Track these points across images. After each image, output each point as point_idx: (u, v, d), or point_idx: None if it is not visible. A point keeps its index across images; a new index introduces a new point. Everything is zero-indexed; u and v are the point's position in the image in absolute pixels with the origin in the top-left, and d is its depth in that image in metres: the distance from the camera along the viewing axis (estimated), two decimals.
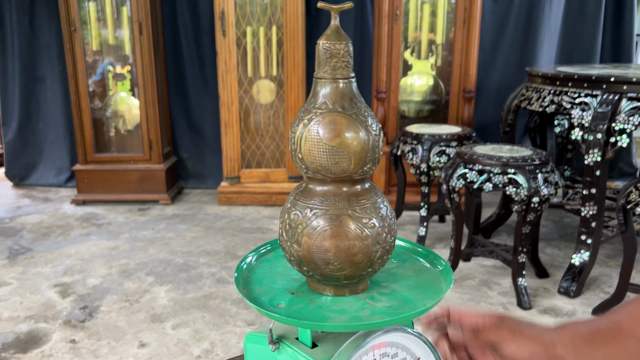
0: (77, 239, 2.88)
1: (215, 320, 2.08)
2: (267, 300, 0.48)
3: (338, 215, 0.43)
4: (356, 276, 0.44)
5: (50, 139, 3.74)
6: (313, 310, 0.46)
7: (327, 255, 0.43)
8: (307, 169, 0.44)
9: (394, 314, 0.45)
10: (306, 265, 0.44)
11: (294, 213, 0.45)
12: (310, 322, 0.43)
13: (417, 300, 0.48)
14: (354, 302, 0.47)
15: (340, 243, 0.43)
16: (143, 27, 3.19)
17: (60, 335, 1.99)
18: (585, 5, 3.45)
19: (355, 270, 0.44)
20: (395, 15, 3.07)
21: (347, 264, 0.44)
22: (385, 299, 0.48)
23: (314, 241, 0.43)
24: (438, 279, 0.53)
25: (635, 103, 2.08)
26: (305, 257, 0.44)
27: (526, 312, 2.12)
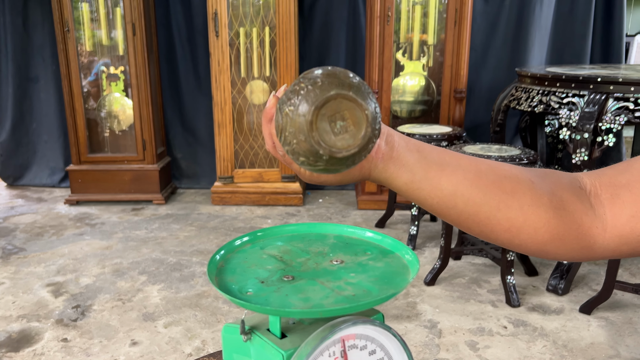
0: (71, 238, 2.89)
1: (207, 318, 2.09)
2: (237, 288, 0.50)
3: None
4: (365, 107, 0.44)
5: (44, 139, 3.75)
6: (279, 297, 0.48)
7: (342, 71, 0.44)
8: None
9: (354, 302, 0.47)
10: (324, 79, 0.43)
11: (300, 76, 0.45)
12: (273, 308, 0.45)
13: (381, 290, 0.50)
14: (320, 290, 0.49)
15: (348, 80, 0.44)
16: (136, 27, 3.20)
17: (52, 334, 2.00)
18: (576, 7, 3.48)
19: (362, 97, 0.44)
20: (387, 16, 3.10)
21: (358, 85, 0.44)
22: (350, 289, 0.50)
23: (325, 73, 0.44)
24: (405, 269, 0.55)
25: (622, 103, 2.11)
26: (323, 75, 0.43)
27: (515, 310, 2.14)
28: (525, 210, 0.53)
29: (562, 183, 0.56)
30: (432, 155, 0.53)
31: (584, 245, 0.55)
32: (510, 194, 0.53)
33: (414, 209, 2.70)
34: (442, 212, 0.54)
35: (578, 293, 2.28)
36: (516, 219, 0.54)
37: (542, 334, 1.98)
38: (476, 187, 0.53)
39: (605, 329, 2.02)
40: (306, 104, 0.43)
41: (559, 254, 0.56)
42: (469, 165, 0.54)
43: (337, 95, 0.43)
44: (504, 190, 0.53)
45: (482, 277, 2.42)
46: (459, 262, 2.56)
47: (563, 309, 2.16)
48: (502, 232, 0.55)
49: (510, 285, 2.19)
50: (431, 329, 2.01)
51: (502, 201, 0.53)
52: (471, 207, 0.53)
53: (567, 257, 0.57)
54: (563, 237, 0.55)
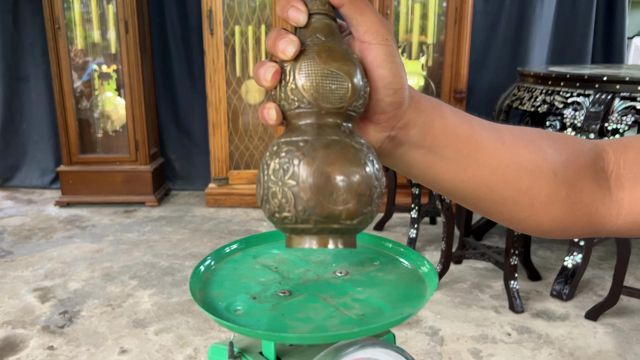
0: (60, 241, 2.80)
1: (199, 325, 2.01)
2: (224, 305, 0.42)
3: (339, 142, 0.38)
4: (357, 214, 0.38)
5: (34, 140, 3.67)
6: (274, 317, 0.40)
7: (331, 183, 0.37)
8: (301, 101, 0.39)
9: (364, 324, 0.39)
10: (304, 202, 0.37)
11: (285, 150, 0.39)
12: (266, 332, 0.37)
13: (394, 309, 0.42)
14: (322, 309, 0.42)
15: (345, 169, 0.37)
16: (129, 25, 3.12)
17: (38, 341, 1.92)
18: (577, 6, 3.43)
19: (358, 205, 0.38)
20: (385, 15, 3.03)
21: (351, 195, 0.37)
22: (358, 306, 0.42)
23: (315, 169, 0.37)
24: (421, 284, 0.47)
25: (628, 102, 2.05)
26: (303, 190, 0.37)
27: (519, 316, 2.07)
28: (536, 207, 0.47)
29: (586, 167, 0.49)
30: (446, 150, 0.44)
31: (590, 231, 0.51)
32: (524, 191, 0.46)
33: (414, 212, 2.62)
34: (434, 190, 0.48)
35: (583, 298, 2.21)
36: (521, 213, 0.48)
37: (548, 342, 1.91)
38: (485, 184, 0.46)
39: (613, 336, 1.95)
40: (284, 227, 0.39)
41: (558, 238, 0.52)
42: (489, 158, 0.46)
43: (325, 246, 0.38)
44: (518, 187, 0.46)
45: (484, 281, 2.35)
46: (460, 267, 2.49)
47: (568, 315, 2.09)
48: (500, 220, 0.49)
49: (513, 290, 2.12)
50: (432, 336, 1.94)
51: (511, 197, 0.47)
52: (472, 199, 0.47)
53: (566, 237, 0.52)
54: (569, 228, 0.50)
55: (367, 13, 0.40)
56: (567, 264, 2.22)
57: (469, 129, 0.45)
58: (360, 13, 0.40)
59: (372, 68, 0.40)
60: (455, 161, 0.45)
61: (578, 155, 0.49)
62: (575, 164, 0.49)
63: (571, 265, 2.21)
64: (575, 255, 2.21)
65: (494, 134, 0.46)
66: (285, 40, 0.38)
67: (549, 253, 2.66)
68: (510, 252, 2.10)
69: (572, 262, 2.21)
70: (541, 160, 0.47)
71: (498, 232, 2.89)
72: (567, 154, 0.49)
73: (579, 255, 2.20)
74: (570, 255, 2.22)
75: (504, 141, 0.46)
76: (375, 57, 0.40)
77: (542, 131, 0.50)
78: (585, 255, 2.20)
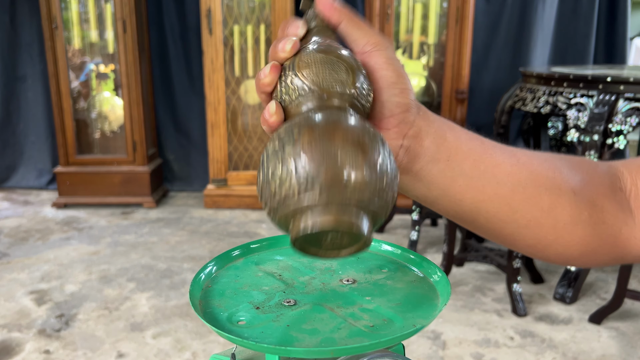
0: (57, 243, 2.77)
1: (197, 329, 1.98)
2: (225, 316, 0.40)
3: (343, 114, 0.36)
4: (366, 197, 0.33)
5: (31, 140, 3.63)
6: (279, 329, 0.37)
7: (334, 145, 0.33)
8: (302, 88, 0.37)
9: (374, 337, 0.36)
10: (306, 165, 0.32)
11: (285, 128, 0.35)
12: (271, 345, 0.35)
13: (406, 319, 0.39)
14: (329, 319, 0.39)
15: (350, 135, 0.33)
16: (127, 25, 3.10)
17: (33, 345, 1.89)
18: (579, 6, 3.41)
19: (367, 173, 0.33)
20: (386, 15, 3.01)
21: (359, 158, 0.33)
22: (367, 317, 0.40)
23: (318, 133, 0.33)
24: (433, 293, 0.44)
25: (633, 104, 2.02)
26: (305, 154, 0.33)
27: (522, 319, 2.05)
28: (559, 228, 0.45)
29: (604, 186, 0.48)
30: (463, 165, 0.43)
31: (616, 257, 0.49)
32: (546, 211, 0.45)
33: (415, 214, 2.60)
34: (456, 220, 0.47)
35: (586, 302, 2.19)
36: (545, 238, 0.46)
37: (551, 346, 1.89)
38: (506, 204, 0.44)
39: (617, 339, 1.92)
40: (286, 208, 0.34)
41: (585, 265, 0.50)
42: (507, 176, 0.44)
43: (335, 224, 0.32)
44: (540, 207, 0.45)
45: (486, 284, 2.33)
46: (462, 269, 2.47)
47: (572, 318, 2.06)
48: (525, 247, 0.48)
49: (516, 293, 2.09)
50: (435, 340, 1.91)
51: (535, 219, 0.45)
52: (494, 224, 0.45)
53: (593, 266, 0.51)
54: (595, 252, 0.48)
55: (364, 28, 0.42)
56: (570, 267, 2.20)
57: (481, 144, 0.45)
58: (359, 28, 0.42)
59: (375, 71, 0.41)
60: (474, 178, 0.43)
61: (593, 175, 0.48)
62: (592, 183, 0.47)
63: (574, 268, 2.19)
64: None
65: (506, 151, 0.46)
66: (283, 40, 0.40)
67: None
68: (513, 255, 2.08)
69: None
70: (559, 179, 0.46)
71: None
72: (582, 174, 0.47)
73: None
74: None
75: (518, 158, 0.45)
76: (376, 61, 0.41)
77: (552, 153, 0.49)
78: None
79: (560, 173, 0.46)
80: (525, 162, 0.45)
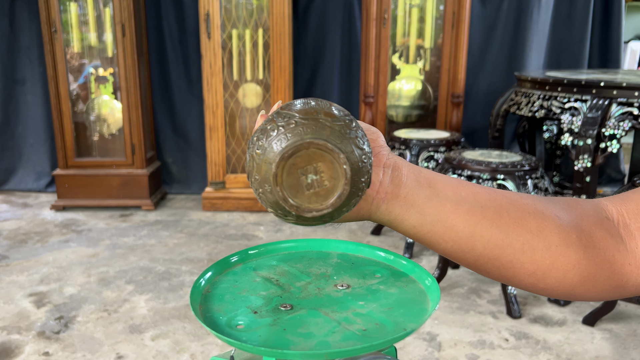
0: (56, 246, 2.79)
1: (196, 331, 2.00)
2: (225, 320, 0.42)
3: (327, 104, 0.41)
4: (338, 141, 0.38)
5: (29, 143, 3.65)
6: (275, 333, 0.40)
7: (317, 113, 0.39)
8: None
9: (367, 340, 0.39)
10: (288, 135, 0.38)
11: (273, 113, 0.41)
12: (268, 348, 0.37)
13: (397, 323, 0.42)
14: (324, 323, 0.41)
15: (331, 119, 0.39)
16: (126, 28, 3.12)
17: (33, 347, 1.90)
18: (574, 11, 3.44)
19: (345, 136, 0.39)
20: (383, 19, 3.03)
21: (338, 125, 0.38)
22: (360, 321, 0.42)
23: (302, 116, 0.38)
24: (423, 298, 0.47)
25: (625, 108, 2.05)
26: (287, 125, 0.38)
27: (516, 321, 2.07)
28: (553, 251, 0.47)
29: (588, 215, 0.50)
30: (446, 190, 0.47)
31: (616, 285, 0.50)
32: (535, 233, 0.47)
33: None
34: (457, 256, 0.48)
35: (580, 304, 2.21)
36: (542, 262, 0.48)
37: (545, 347, 1.91)
38: (497, 227, 0.46)
39: (610, 341, 1.95)
40: (272, 151, 0.37)
41: (588, 296, 0.50)
42: (488, 200, 0.47)
43: (310, 144, 0.36)
44: (529, 229, 0.47)
45: (481, 286, 2.35)
46: (458, 272, 2.49)
47: (566, 320, 2.09)
48: (525, 277, 0.49)
49: (511, 295, 2.12)
50: (430, 342, 1.93)
51: (527, 242, 0.47)
52: (491, 251, 0.47)
53: (598, 298, 0.51)
54: (594, 279, 0.49)
55: None
56: None
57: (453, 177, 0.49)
58: None
59: None
60: (459, 202, 0.47)
61: (575, 206, 0.50)
62: (575, 211, 0.49)
63: None
64: None
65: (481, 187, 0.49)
66: None
67: None
68: None
69: None
70: (539, 205, 0.48)
71: None
72: (562, 204, 0.50)
73: None
74: None
75: (493, 190, 0.49)
76: None
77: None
78: None
79: (540, 202, 0.49)
80: (501, 193, 0.49)
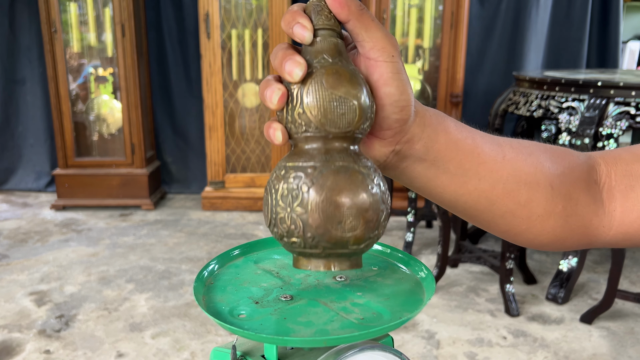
0: (56, 245, 2.80)
1: (196, 329, 2.01)
2: (227, 310, 0.43)
3: (347, 169, 0.39)
4: (364, 239, 0.39)
5: (29, 143, 3.66)
6: (276, 322, 0.41)
7: (339, 212, 0.38)
8: (308, 125, 0.39)
9: (364, 328, 0.40)
10: (312, 229, 0.38)
11: (293, 175, 0.39)
12: (270, 335, 0.38)
13: (393, 313, 0.43)
14: (323, 313, 0.42)
15: (353, 197, 0.38)
16: (126, 29, 3.13)
17: (34, 345, 1.91)
18: (572, 11, 3.46)
19: (365, 230, 0.39)
20: (382, 19, 3.04)
21: (359, 222, 0.38)
22: (358, 311, 0.43)
23: (324, 197, 0.38)
24: (419, 289, 0.48)
25: (623, 108, 2.07)
26: (312, 218, 0.38)
27: (514, 319, 2.08)
28: (533, 220, 0.48)
29: (581, 179, 0.50)
30: (449, 164, 0.45)
31: (584, 243, 0.52)
32: (522, 204, 0.48)
33: (410, 215, 2.63)
34: (434, 202, 0.49)
35: (578, 302, 2.22)
36: (519, 226, 0.49)
37: (543, 345, 1.92)
38: (485, 197, 0.47)
39: (607, 339, 1.96)
40: (291, 249, 0.40)
41: (554, 250, 0.53)
42: (490, 172, 0.47)
43: (332, 268, 0.40)
44: (517, 201, 0.47)
45: (480, 285, 2.36)
46: (456, 270, 2.51)
47: (563, 318, 2.10)
48: (498, 232, 0.51)
49: (509, 294, 2.13)
50: (429, 340, 1.95)
51: (510, 211, 0.48)
52: (472, 212, 0.48)
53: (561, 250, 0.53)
54: (564, 240, 0.51)
55: (373, 29, 0.40)
56: (563, 267, 2.24)
57: (472, 143, 0.46)
58: (367, 29, 0.40)
59: (378, 86, 0.40)
60: (457, 175, 0.46)
61: (573, 167, 0.51)
62: (571, 176, 0.50)
63: (566, 269, 2.23)
64: (570, 259, 2.23)
65: (495, 147, 0.47)
66: (292, 62, 0.38)
67: (544, 257, 2.68)
68: (506, 256, 2.12)
69: (568, 265, 2.23)
70: (539, 174, 0.48)
71: (494, 236, 2.90)
72: (563, 167, 0.50)
73: (574, 259, 2.22)
74: (566, 259, 2.24)
75: (504, 155, 0.47)
76: (381, 74, 0.40)
77: (539, 144, 0.51)
78: (580, 259, 2.21)
79: (542, 167, 0.49)
80: (510, 159, 0.48)
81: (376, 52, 0.40)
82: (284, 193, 0.39)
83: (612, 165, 0.52)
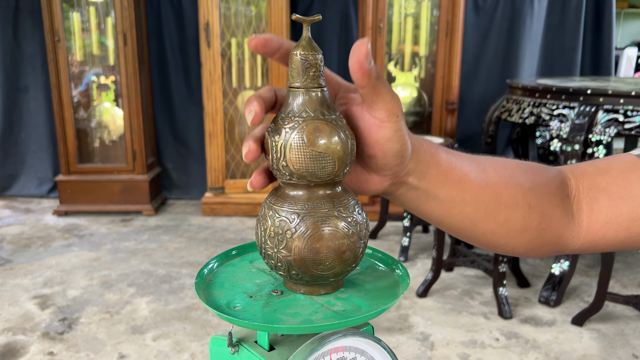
0: (58, 250, 2.85)
1: (196, 331, 2.06)
2: (224, 303, 0.49)
3: (326, 217, 0.44)
4: (342, 273, 0.45)
5: (32, 150, 3.72)
6: (268, 313, 0.47)
7: (319, 257, 0.44)
8: (292, 175, 0.44)
9: (343, 317, 0.46)
10: (296, 269, 0.44)
11: (279, 220, 0.45)
12: (262, 324, 0.44)
13: (371, 305, 0.48)
14: (309, 306, 0.48)
15: (331, 244, 0.44)
16: (127, 37, 3.19)
17: (38, 347, 1.96)
18: (565, 19, 3.52)
19: (343, 267, 0.45)
20: (379, 28, 3.11)
21: (337, 262, 0.44)
22: (340, 304, 0.49)
23: (305, 245, 0.44)
24: (395, 284, 0.54)
25: (611, 115, 2.12)
26: (295, 261, 0.44)
27: (507, 322, 2.13)
28: (511, 236, 0.55)
29: (556, 195, 0.56)
30: (439, 192, 0.51)
31: (556, 250, 0.58)
32: (502, 223, 0.54)
33: (406, 220, 2.69)
34: (422, 218, 0.56)
35: (570, 305, 2.27)
36: (498, 241, 0.55)
37: (535, 346, 1.97)
38: (469, 220, 0.53)
39: (597, 340, 2.01)
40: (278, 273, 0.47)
41: (528, 256, 0.59)
42: (474, 197, 0.52)
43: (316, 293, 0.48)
44: (497, 220, 0.53)
45: (474, 288, 2.41)
46: (451, 274, 2.55)
47: (555, 320, 2.15)
48: (479, 245, 0.57)
49: (502, 297, 2.18)
50: (423, 342, 1.99)
51: (490, 229, 0.54)
52: (455, 230, 0.55)
53: (535, 257, 0.62)
54: (538, 249, 0.57)
55: (383, 94, 0.43)
56: (555, 271, 2.29)
57: (459, 173, 0.52)
58: (379, 94, 0.43)
59: (382, 142, 0.45)
60: (445, 201, 0.52)
61: (549, 184, 0.56)
62: (547, 194, 0.56)
63: (558, 272, 2.28)
64: (562, 262, 2.27)
65: (479, 174, 0.53)
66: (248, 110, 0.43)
67: (537, 261, 2.73)
68: (500, 260, 2.17)
69: (560, 269, 2.28)
70: (519, 195, 0.54)
71: None
72: (541, 185, 0.56)
73: (566, 263, 2.27)
74: (558, 262, 2.29)
75: (487, 181, 0.53)
76: (385, 134, 0.44)
77: (519, 163, 0.57)
78: (572, 263, 2.26)
79: (522, 188, 0.55)
80: (493, 184, 0.53)
81: (383, 114, 0.44)
82: (270, 234, 0.45)
83: (579, 179, 0.57)
